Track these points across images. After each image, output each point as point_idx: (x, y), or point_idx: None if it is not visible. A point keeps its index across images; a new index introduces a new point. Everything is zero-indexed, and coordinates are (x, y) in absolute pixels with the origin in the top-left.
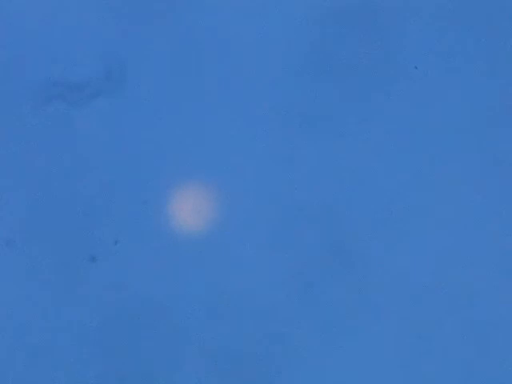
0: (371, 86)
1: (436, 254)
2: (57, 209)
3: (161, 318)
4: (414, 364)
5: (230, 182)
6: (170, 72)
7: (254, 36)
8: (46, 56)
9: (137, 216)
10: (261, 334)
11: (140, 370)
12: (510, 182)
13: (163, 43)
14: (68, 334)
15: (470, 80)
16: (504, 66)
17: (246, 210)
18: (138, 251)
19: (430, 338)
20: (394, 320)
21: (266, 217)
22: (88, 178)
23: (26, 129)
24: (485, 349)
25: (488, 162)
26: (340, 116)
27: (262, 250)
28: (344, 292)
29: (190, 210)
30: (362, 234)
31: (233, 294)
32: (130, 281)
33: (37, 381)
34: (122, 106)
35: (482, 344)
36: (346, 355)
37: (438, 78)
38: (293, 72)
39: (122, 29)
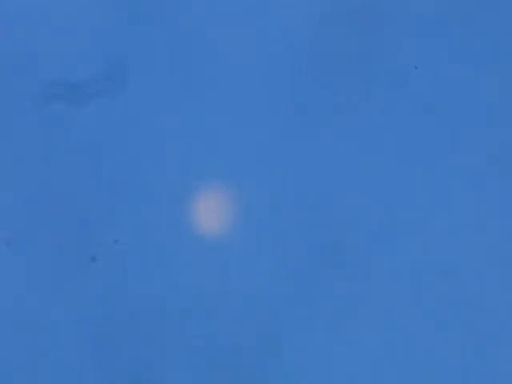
0: (371, 86)
1: (435, 252)
2: (57, 209)
3: (160, 318)
4: (413, 363)
5: (229, 181)
6: (170, 72)
7: (254, 35)
8: (46, 56)
9: (137, 216)
10: (260, 333)
11: (139, 369)
12: (509, 182)
13: (164, 43)
14: (68, 334)
15: (470, 80)
16: (504, 65)
17: (244, 209)
18: (138, 251)
19: (429, 336)
20: (394, 319)
21: (264, 215)
22: (88, 177)
23: (26, 129)
24: (485, 346)
25: (488, 162)
26: (340, 116)
27: (260, 250)
28: (343, 291)
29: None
30: (362, 232)
31: (232, 293)
32: (129, 281)
33: (36, 380)
34: (122, 106)
35: (482, 341)
36: (344, 354)
37: (438, 78)
38: (294, 72)
39: (122, 29)
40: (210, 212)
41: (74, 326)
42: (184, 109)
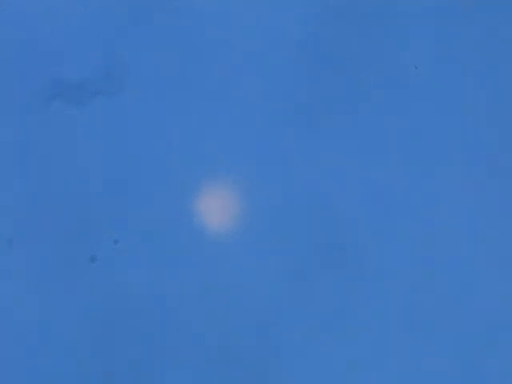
0: (370, 86)
1: (435, 253)
2: (57, 208)
3: (160, 318)
4: (412, 361)
5: (229, 181)
6: (170, 71)
7: (254, 34)
8: (46, 55)
9: (137, 216)
10: (260, 333)
11: (139, 369)
12: (510, 182)
13: (164, 42)
14: (67, 334)
15: (470, 80)
16: (504, 66)
17: (243, 209)
18: (138, 251)
19: (428, 335)
20: (393, 318)
21: (263, 216)
22: (88, 177)
23: (26, 129)
24: (484, 345)
25: (488, 162)
26: (339, 116)
27: (260, 250)
28: (342, 291)
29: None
30: (359, 230)
31: (233, 293)
32: (130, 281)
33: (36, 379)
34: (122, 105)
35: (481, 340)
36: (344, 353)
37: (438, 78)
38: (293, 71)
39: (122, 28)
40: (210, 212)
41: (74, 325)
42: (184, 108)
